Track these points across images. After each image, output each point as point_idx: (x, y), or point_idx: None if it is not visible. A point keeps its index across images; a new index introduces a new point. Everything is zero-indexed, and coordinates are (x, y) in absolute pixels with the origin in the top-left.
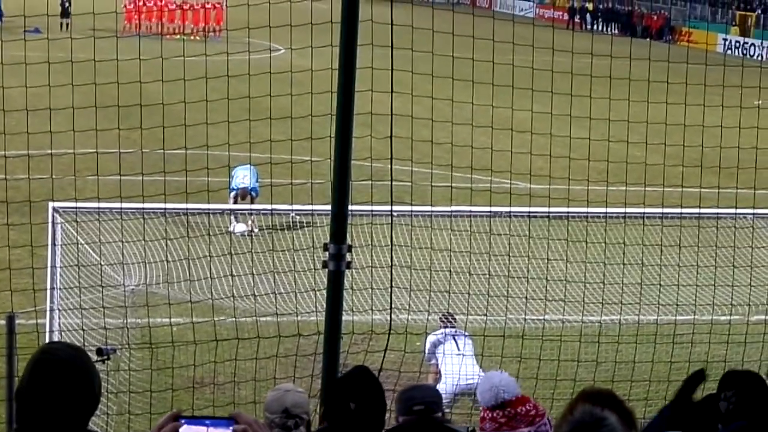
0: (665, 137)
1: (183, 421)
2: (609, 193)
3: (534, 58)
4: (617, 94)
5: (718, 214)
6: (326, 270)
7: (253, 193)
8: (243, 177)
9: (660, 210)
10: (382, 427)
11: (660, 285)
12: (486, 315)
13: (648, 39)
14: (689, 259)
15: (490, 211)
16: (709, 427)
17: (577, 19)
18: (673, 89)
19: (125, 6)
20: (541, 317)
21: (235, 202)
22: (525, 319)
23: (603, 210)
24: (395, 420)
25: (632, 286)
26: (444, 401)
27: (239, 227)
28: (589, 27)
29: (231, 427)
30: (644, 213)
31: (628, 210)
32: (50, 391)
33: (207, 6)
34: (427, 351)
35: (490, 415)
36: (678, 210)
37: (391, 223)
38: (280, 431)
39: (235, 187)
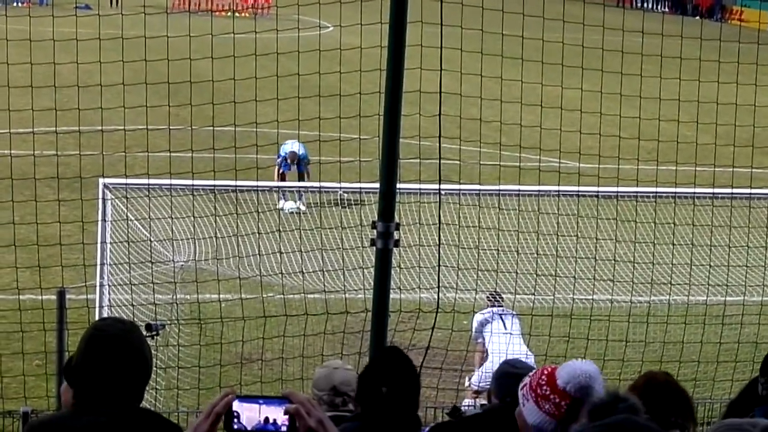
0: (716, 117)
1: (237, 399)
2: (659, 173)
3: (584, 36)
4: (667, 73)
5: None
6: (374, 248)
7: (303, 159)
8: (292, 144)
9: (710, 190)
10: (417, 408)
11: (710, 265)
12: (534, 294)
13: (699, 17)
14: (739, 239)
15: (539, 190)
16: (747, 410)
17: None
18: (724, 68)
19: None
20: (590, 297)
21: (286, 168)
22: (573, 299)
23: (653, 189)
24: (489, 395)
25: (682, 266)
26: (491, 380)
27: (288, 204)
28: (639, 5)
29: (284, 406)
30: (694, 193)
31: (678, 190)
32: (105, 368)
33: None
34: (474, 330)
35: (557, 399)
36: (729, 190)
37: (439, 202)
38: (328, 408)
39: (283, 153)
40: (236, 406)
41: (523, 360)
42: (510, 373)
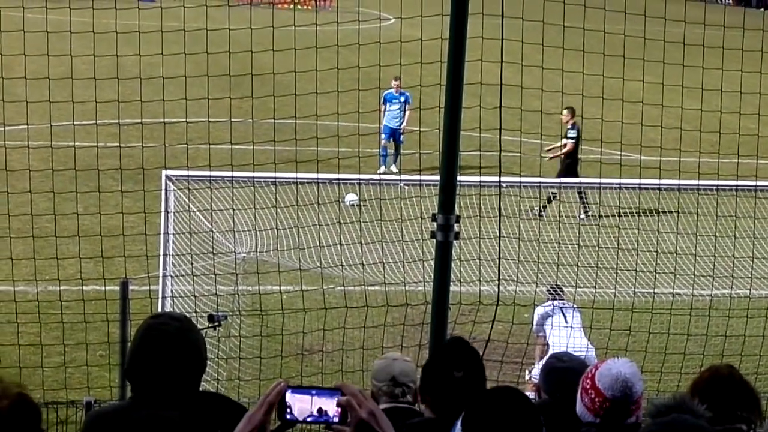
0: None
1: (289, 390)
2: (720, 165)
3: (646, 27)
4: (730, 66)
5: None
6: (434, 240)
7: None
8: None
9: None
10: None
11: None
12: (595, 287)
13: (762, 9)
14: None
15: (600, 183)
16: None
17: None
18: None
19: None
20: (651, 290)
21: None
22: (635, 292)
23: (715, 182)
24: (538, 390)
25: (744, 259)
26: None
27: (349, 197)
28: None
29: (336, 397)
30: (756, 186)
31: (740, 182)
32: (162, 364)
33: None
34: (535, 323)
35: (592, 395)
36: None
37: (500, 194)
38: (388, 399)
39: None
40: (288, 397)
41: (573, 353)
42: (556, 368)
